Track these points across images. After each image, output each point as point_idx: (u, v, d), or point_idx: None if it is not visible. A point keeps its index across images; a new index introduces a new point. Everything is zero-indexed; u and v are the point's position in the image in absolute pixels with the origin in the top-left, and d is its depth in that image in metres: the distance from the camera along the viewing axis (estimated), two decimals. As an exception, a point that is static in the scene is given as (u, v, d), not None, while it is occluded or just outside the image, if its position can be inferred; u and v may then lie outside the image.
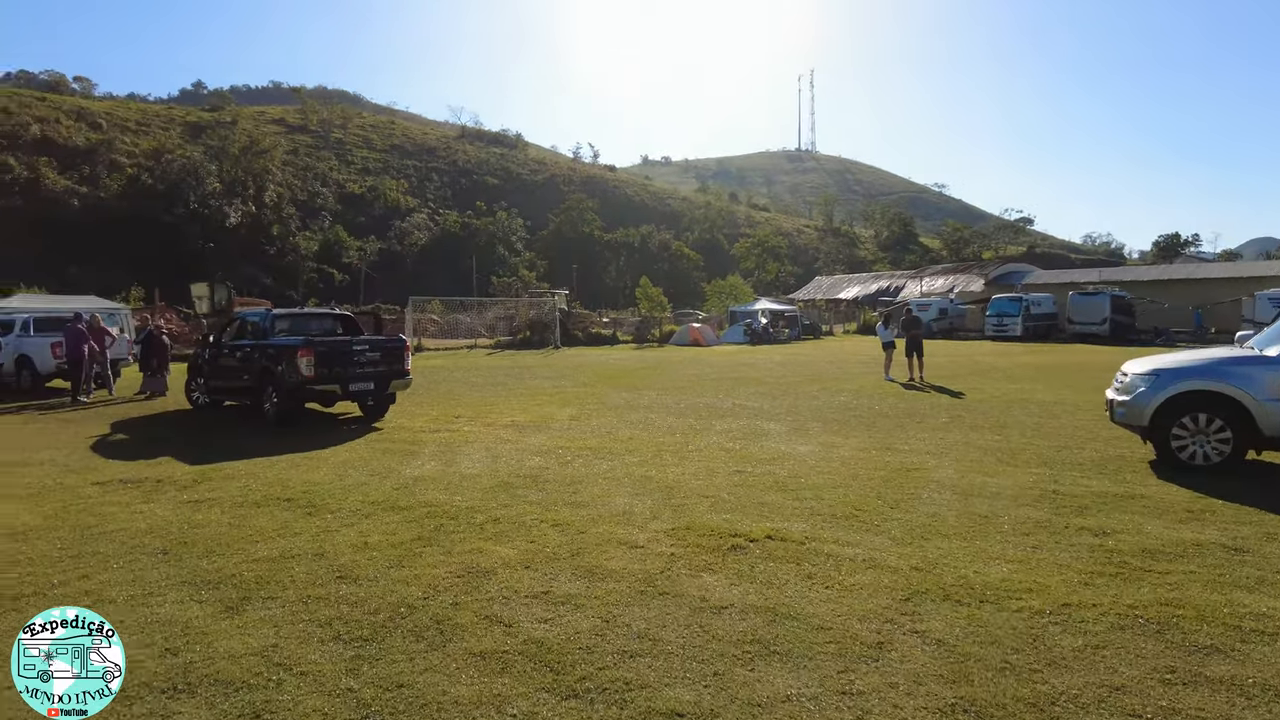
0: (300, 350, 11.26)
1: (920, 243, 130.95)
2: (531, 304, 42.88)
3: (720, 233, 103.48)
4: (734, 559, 5.26)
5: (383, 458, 9.10)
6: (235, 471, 8.36)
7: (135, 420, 13.05)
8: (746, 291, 53.49)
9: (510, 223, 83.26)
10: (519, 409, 13.55)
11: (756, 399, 14.59)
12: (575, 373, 21.70)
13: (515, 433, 10.87)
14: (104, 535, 5.94)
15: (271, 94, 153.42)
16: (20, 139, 59.69)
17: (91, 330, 16.14)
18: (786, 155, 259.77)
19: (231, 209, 60.88)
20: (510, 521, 6.21)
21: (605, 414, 12.78)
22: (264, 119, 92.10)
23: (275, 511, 6.63)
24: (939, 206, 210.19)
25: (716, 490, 7.19)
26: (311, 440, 10.44)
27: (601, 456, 8.93)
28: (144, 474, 8.25)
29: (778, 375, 19.88)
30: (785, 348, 35.52)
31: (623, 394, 15.87)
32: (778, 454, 9.02)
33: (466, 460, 8.86)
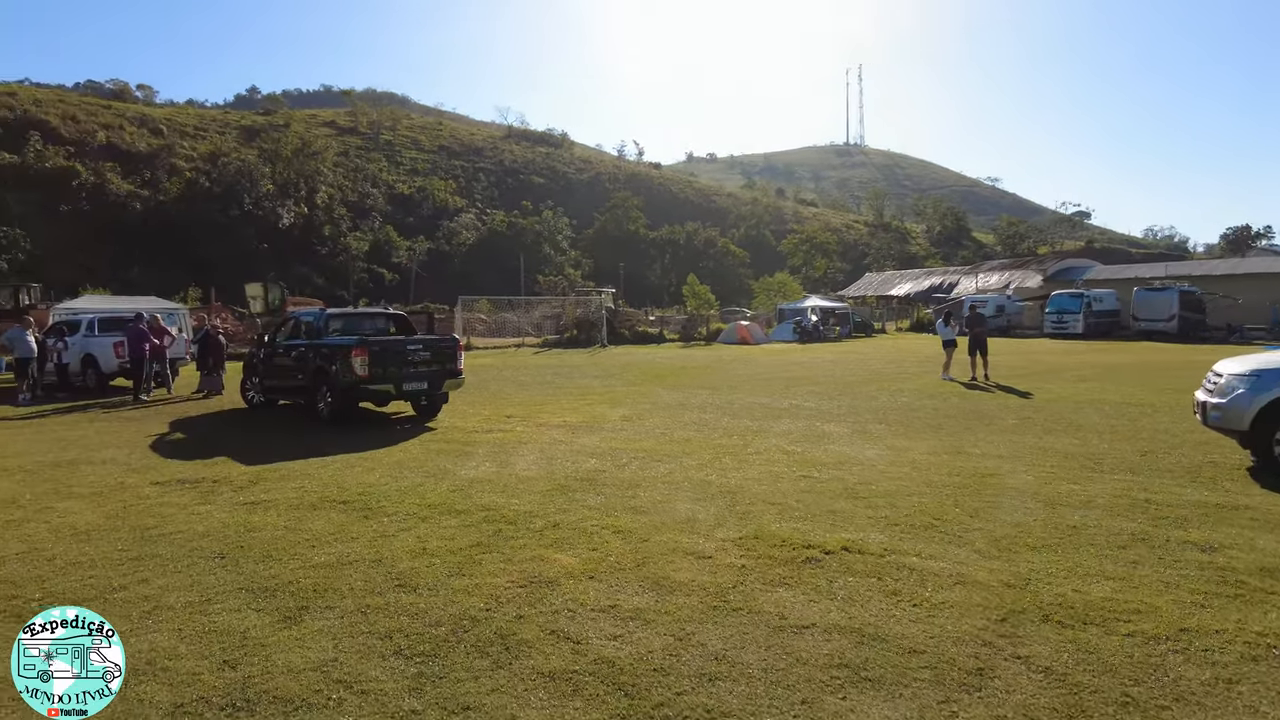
0: (354, 350, 11.24)
1: (973, 238, 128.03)
2: (578, 302, 42.86)
3: (767, 229, 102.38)
4: (810, 572, 4.95)
5: (437, 459, 8.98)
6: (290, 472, 8.31)
7: (192, 419, 13.21)
8: (795, 288, 52.61)
9: (556, 221, 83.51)
10: (570, 409, 13.37)
11: (813, 399, 14.18)
12: (624, 372, 21.50)
13: (568, 433, 10.67)
14: (163, 537, 5.88)
15: (322, 97, 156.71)
16: (88, 146, 61.74)
17: (151, 330, 16.44)
18: (835, 150, 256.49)
19: (284, 210, 62.14)
20: (570, 527, 5.99)
21: (658, 414, 12.52)
22: (315, 122, 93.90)
23: (331, 514, 6.51)
24: (992, 201, 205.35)
25: (783, 496, 6.87)
26: (366, 440, 10.39)
27: (658, 459, 8.67)
28: (201, 474, 8.25)
29: (833, 374, 19.40)
30: (837, 346, 34.84)
31: (674, 394, 15.60)
32: (843, 458, 8.66)
33: (521, 462, 8.68)
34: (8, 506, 6.97)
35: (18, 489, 7.72)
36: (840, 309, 45.08)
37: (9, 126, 59.62)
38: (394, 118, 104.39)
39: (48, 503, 7.09)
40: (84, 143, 61.66)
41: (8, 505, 7.01)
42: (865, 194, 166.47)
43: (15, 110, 63.02)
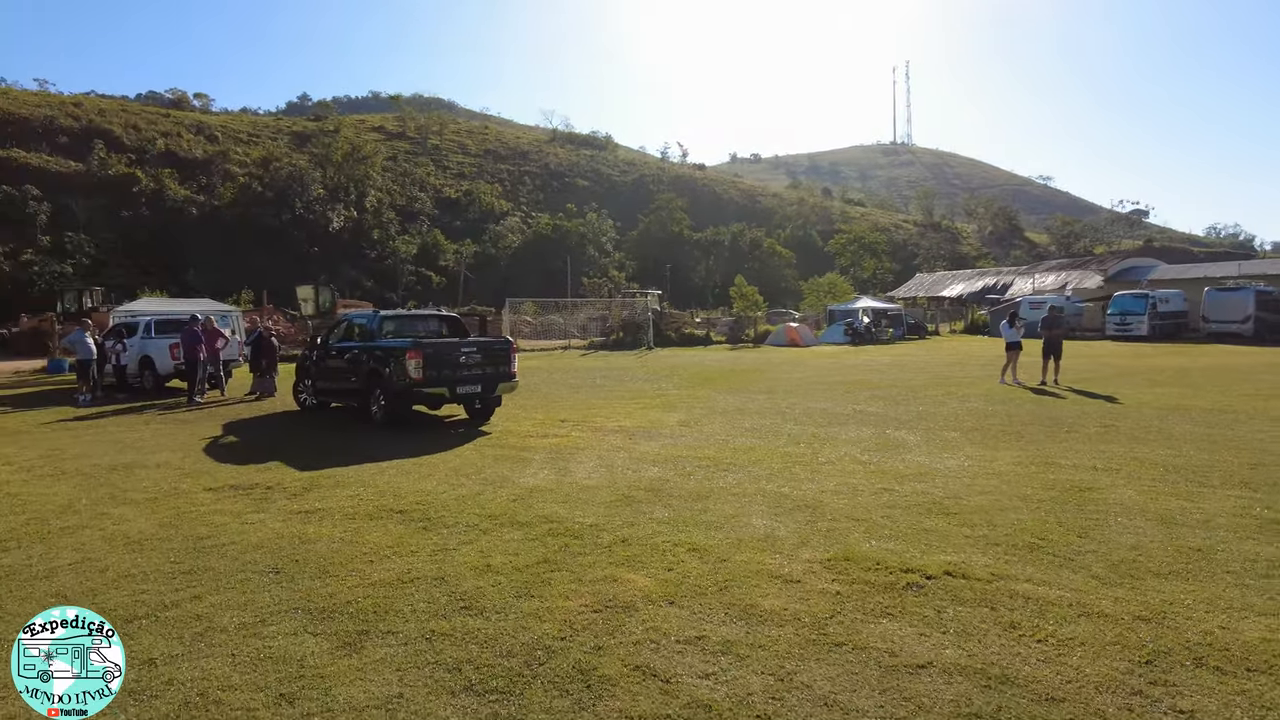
0: (408, 352, 11.02)
1: (1026, 238, 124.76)
2: (624, 304, 42.57)
3: (813, 229, 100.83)
4: (914, 600, 4.47)
5: (494, 465, 8.67)
6: (345, 478, 8.07)
7: (246, 422, 13.15)
8: (846, 289, 51.45)
9: (600, 224, 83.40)
10: (624, 413, 13.00)
11: (878, 404, 13.59)
12: (674, 374, 21.08)
13: (625, 439, 10.29)
14: (215, 549, 5.64)
15: (370, 103, 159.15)
16: (147, 153, 63.41)
17: (205, 332, 16.52)
18: (881, 149, 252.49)
19: (334, 214, 63.01)
20: (640, 543, 5.59)
21: (716, 420, 12.08)
22: (364, 127, 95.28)
23: (389, 525, 6.22)
24: (1044, 200, 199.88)
25: (866, 512, 6.38)
26: (420, 444, 10.14)
27: (724, 468, 8.24)
28: (254, 480, 8.05)
29: (893, 378, 18.71)
30: (891, 348, 33.93)
31: (729, 397, 15.13)
32: (923, 469, 8.12)
33: (581, 469, 8.32)
34: (64, 512, 6.83)
35: (75, 493, 7.61)
36: (893, 310, 44.01)
37: (75, 136, 61.56)
38: (441, 122, 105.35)
39: (103, 509, 6.94)
40: (144, 150, 63.32)
41: (65, 511, 6.87)
42: (914, 193, 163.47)
43: (81, 120, 65.05)
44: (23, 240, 47.98)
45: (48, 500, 7.32)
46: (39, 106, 65.13)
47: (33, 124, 61.14)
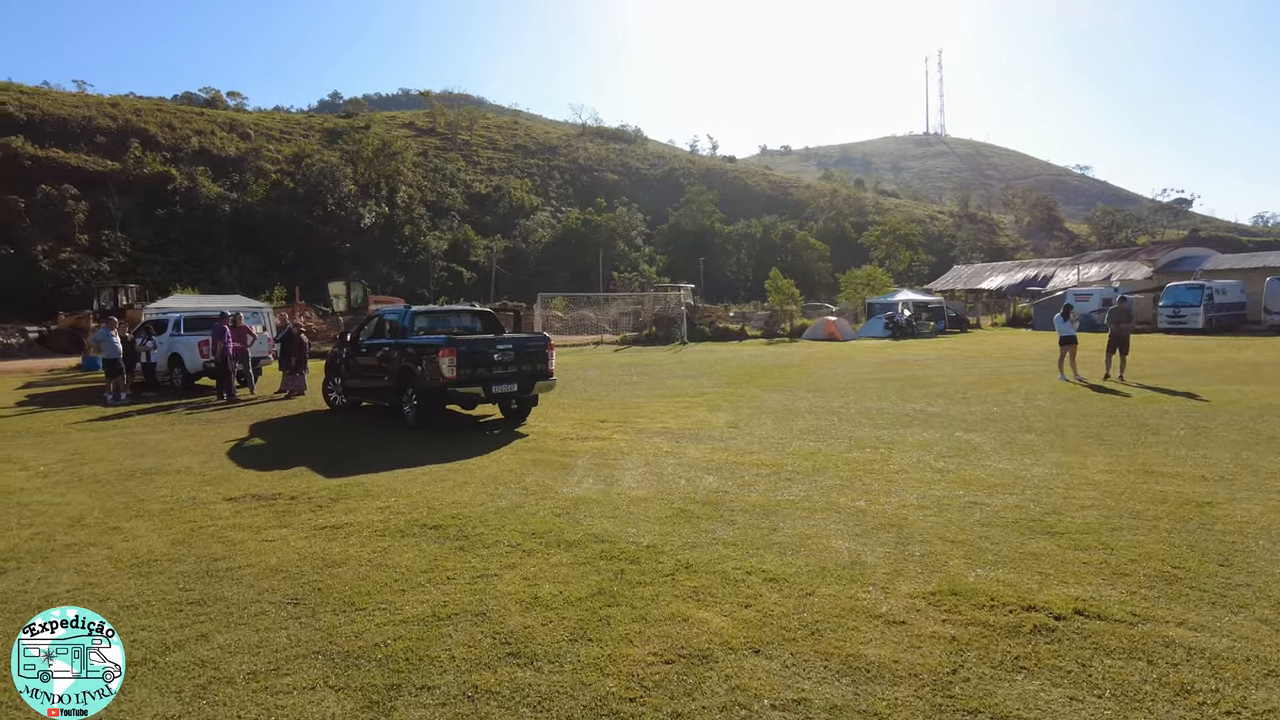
0: (442, 350, 10.41)
1: (1065, 228, 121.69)
2: (657, 298, 41.84)
3: (846, 221, 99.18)
4: (1048, 650, 3.71)
5: (534, 471, 8.01)
6: (374, 486, 7.46)
7: (273, 422, 12.65)
8: (885, 281, 50.04)
9: (630, 217, 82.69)
10: (667, 413, 12.29)
11: (937, 403, 12.73)
12: (712, 371, 20.32)
13: (672, 442, 9.58)
14: (230, 573, 5.03)
15: (401, 100, 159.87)
16: (182, 151, 63.89)
17: (234, 329, 16.11)
18: (914, 139, 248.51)
19: (366, 210, 62.98)
20: (707, 570, 4.88)
21: (765, 420, 11.31)
22: (395, 123, 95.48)
23: (422, 544, 5.58)
24: (1081, 190, 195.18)
25: (959, 531, 5.61)
26: (454, 448, 9.53)
27: (786, 477, 7.49)
28: (278, 488, 7.47)
29: (945, 374, 17.77)
30: (934, 342, 32.79)
31: (775, 396, 14.35)
32: (1008, 477, 7.30)
33: (628, 477, 7.63)
34: (74, 526, 6.29)
35: (89, 503, 7.08)
36: (933, 303, 42.74)
37: (112, 135, 62.17)
38: (471, 118, 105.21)
39: (115, 521, 6.39)
40: (179, 148, 63.78)
41: (74, 525, 6.34)
42: (948, 184, 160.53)
43: (118, 120, 65.72)
44: (61, 239, 48.47)
45: (59, 511, 6.79)
46: (77, 107, 65.90)
47: (72, 124, 61.86)
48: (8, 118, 58.57)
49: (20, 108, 61.15)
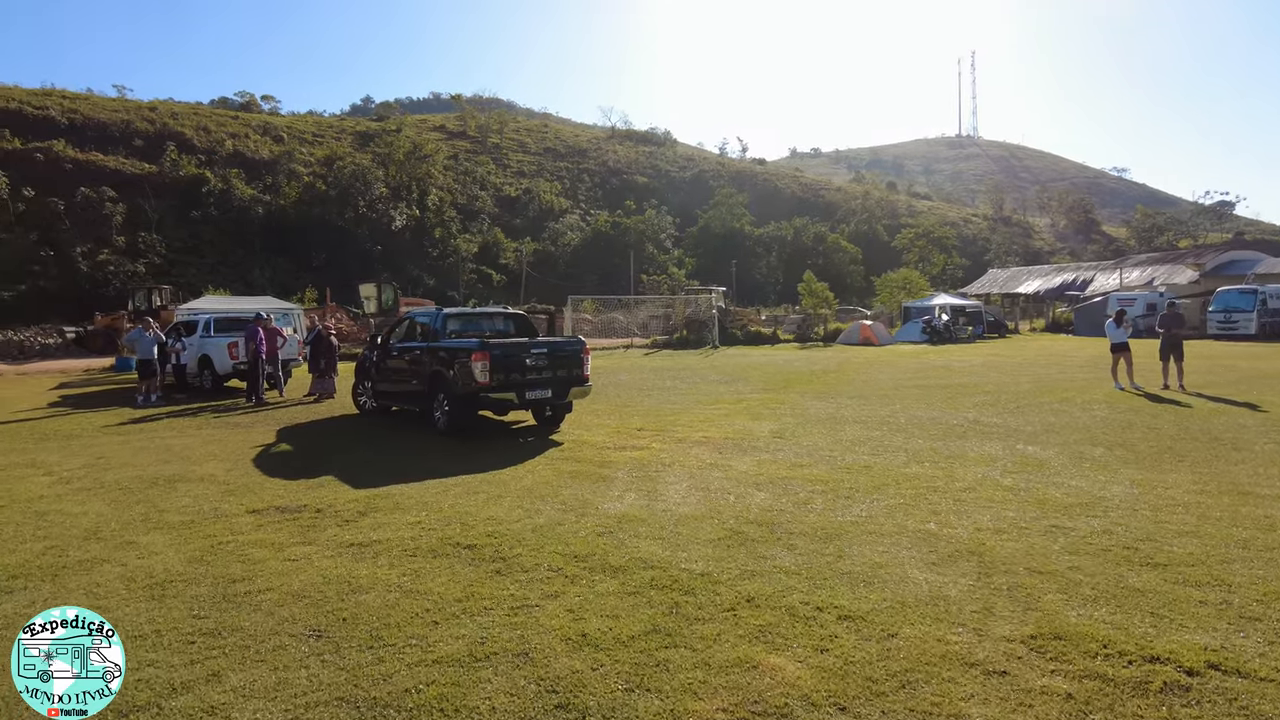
0: (475, 353, 10.01)
1: (1103, 231, 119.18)
2: (688, 301, 41.33)
3: (879, 223, 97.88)
4: (1189, 716, 3.16)
5: (572, 484, 7.56)
6: (405, 499, 7.05)
7: (301, 427, 12.35)
8: (922, 284, 48.94)
9: (659, 220, 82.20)
10: (707, 421, 11.79)
11: (991, 413, 12.09)
12: (748, 376, 19.76)
13: (715, 453, 9.08)
14: (248, 597, 4.63)
15: (432, 104, 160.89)
16: (216, 154, 64.68)
17: (265, 331, 15.90)
18: (946, 141, 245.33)
19: (397, 212, 63.20)
20: (771, 605, 4.38)
21: (813, 430, 10.76)
22: (426, 126, 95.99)
23: (456, 566, 5.14)
24: (1118, 192, 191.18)
25: (1046, 560, 5.05)
26: (487, 456, 9.12)
27: (845, 495, 6.95)
28: (303, 499, 7.09)
29: (993, 381, 17.05)
30: (973, 348, 31.90)
31: (818, 403, 13.78)
32: (1085, 497, 6.71)
33: (673, 492, 7.15)
34: (89, 539, 5.95)
35: (107, 513, 6.76)
36: (972, 307, 41.70)
37: (149, 139, 63.08)
38: (501, 121, 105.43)
39: (132, 535, 6.04)
40: (214, 151, 64.55)
41: (89, 538, 6.00)
42: (981, 187, 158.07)
43: (155, 124, 66.74)
44: (100, 241, 49.14)
45: (75, 522, 6.47)
46: (116, 111, 67.03)
47: (111, 128, 62.89)
48: (50, 122, 59.72)
49: (62, 112, 62.33)
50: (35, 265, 45.53)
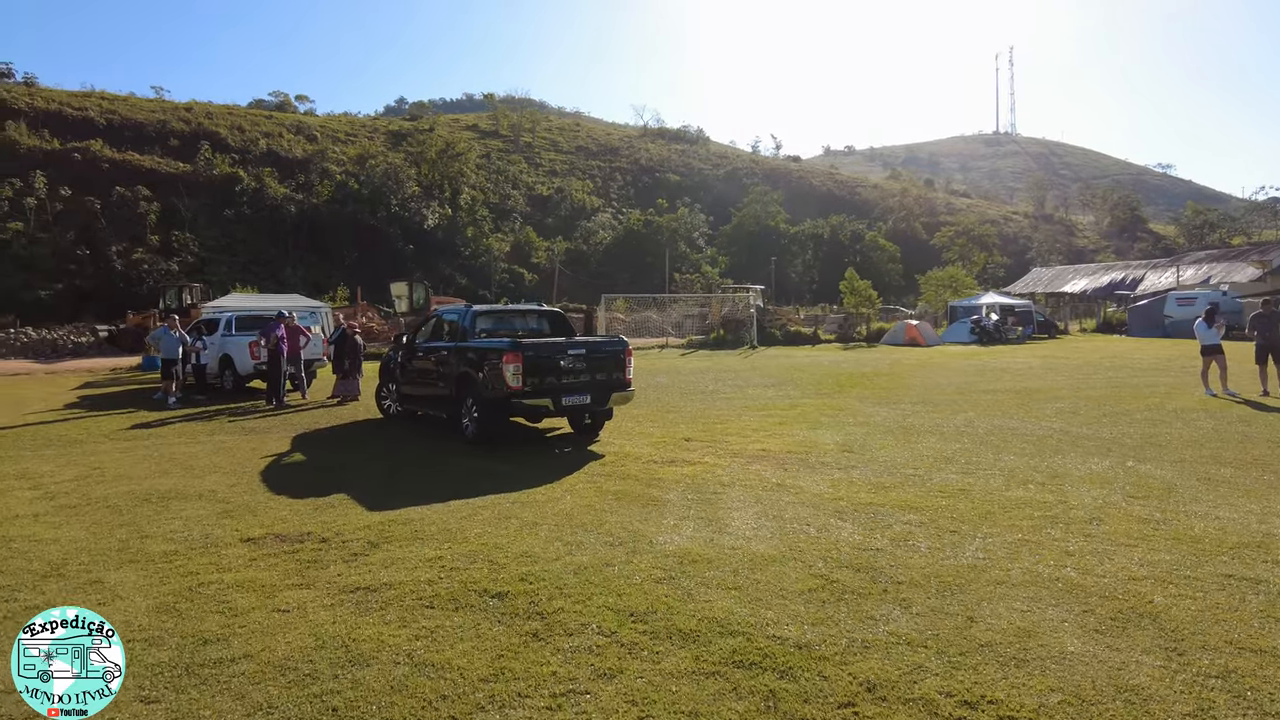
0: (506, 355, 8.98)
1: (1150, 229, 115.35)
2: (724, 300, 40.12)
3: (917, 221, 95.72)
4: None
5: (617, 509, 6.48)
6: (424, 525, 6.03)
7: (320, 433, 11.44)
8: (969, 283, 47.04)
9: (692, 218, 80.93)
10: (760, 430, 10.65)
11: (1075, 422, 10.79)
12: (795, 379, 18.55)
13: (779, 470, 7.95)
14: (219, 670, 3.62)
15: (464, 105, 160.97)
16: (250, 153, 64.75)
17: (288, 329, 15.08)
18: (983, 139, 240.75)
19: (429, 211, 62.71)
20: (901, 696, 3.26)
21: (885, 442, 9.57)
22: (458, 126, 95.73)
23: (482, 625, 4.09)
24: (1163, 189, 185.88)
25: (1247, 630, 3.86)
26: (519, 470, 8.09)
27: (948, 528, 5.79)
28: (308, 524, 6.10)
29: (1064, 385, 15.66)
30: (1027, 349, 30.28)
31: (880, 410, 12.57)
32: (1245, 533, 5.48)
33: (739, 521, 6.04)
34: (49, 577, 5.01)
35: (82, 540, 5.83)
36: (1021, 306, 39.92)
37: (184, 138, 63.31)
38: (533, 120, 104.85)
39: (101, 571, 5.09)
40: (248, 150, 64.62)
41: (51, 574, 5.06)
42: (1020, 185, 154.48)
43: (191, 123, 67.03)
44: (135, 239, 49.21)
45: (42, 552, 5.54)
46: (153, 112, 67.46)
47: (148, 128, 63.23)
48: (88, 123, 60.20)
49: (101, 113, 62.84)
50: (71, 264, 45.68)
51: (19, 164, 49.98)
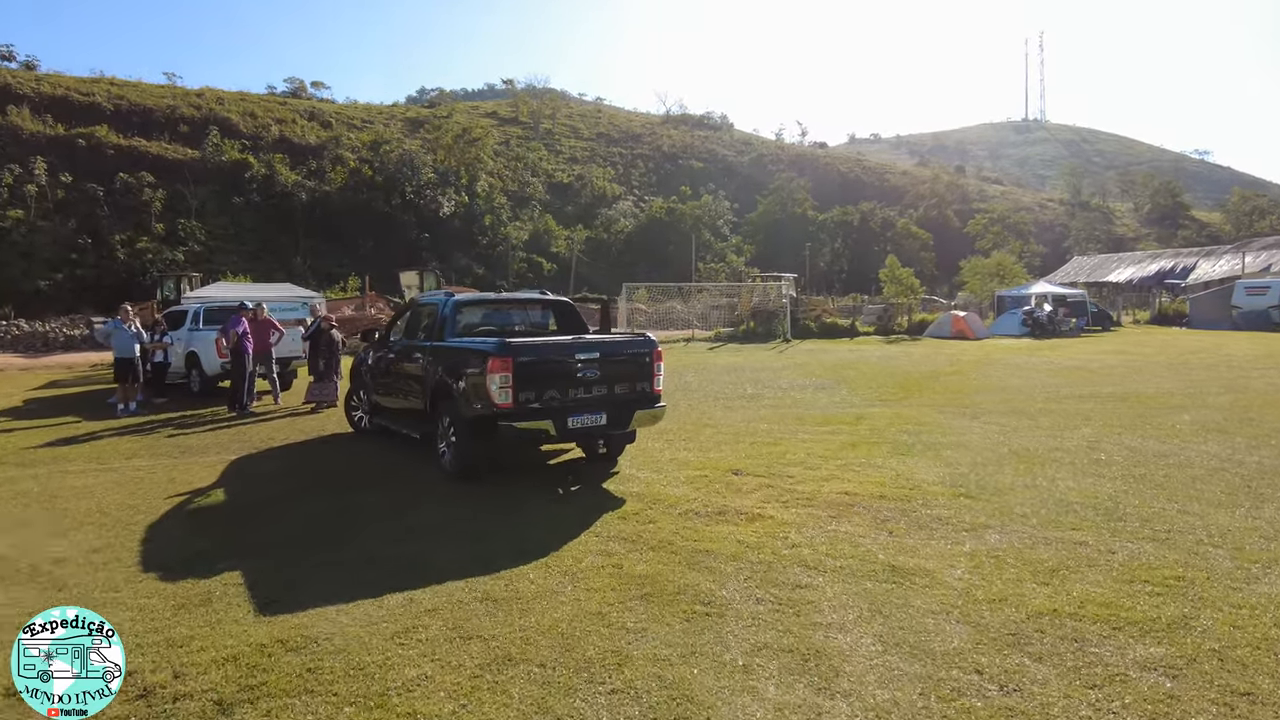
0: (491, 360, 6.57)
1: (1192, 216, 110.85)
2: (754, 290, 37.57)
3: (949, 208, 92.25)
4: None
5: (645, 625, 4.06)
6: (322, 657, 3.68)
7: (267, 455, 9.10)
8: (1018, 271, 43.92)
9: (716, 205, 78.25)
10: (828, 455, 8.20)
11: (1233, 445, 8.22)
12: (844, 378, 16.04)
13: (879, 533, 5.51)
14: None
15: (486, 94, 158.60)
16: (262, 139, 62.89)
17: (255, 324, 12.84)
18: (1012, 126, 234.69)
19: (445, 199, 60.55)
20: None
21: (1000, 478, 7.08)
22: (478, 113, 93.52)
23: None
24: (1201, 176, 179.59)
25: None
26: (502, 526, 5.72)
27: (1209, 674, 3.34)
28: (146, 647, 3.77)
29: (1172, 389, 13.00)
30: (1084, 343, 27.43)
31: (964, 423, 10.06)
32: None
33: (853, 661, 3.62)
34: None
35: None
36: (1074, 296, 36.97)
37: (194, 124, 61.53)
38: (553, 106, 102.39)
39: None
40: (259, 137, 62.72)
41: None
42: (1052, 172, 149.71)
43: (201, 109, 65.28)
44: (139, 227, 47.50)
45: None
46: (164, 98, 65.77)
47: (156, 114, 61.57)
48: (96, 109, 58.60)
49: (109, 99, 61.22)
50: (73, 253, 44.00)
51: (20, 149, 48.40)
